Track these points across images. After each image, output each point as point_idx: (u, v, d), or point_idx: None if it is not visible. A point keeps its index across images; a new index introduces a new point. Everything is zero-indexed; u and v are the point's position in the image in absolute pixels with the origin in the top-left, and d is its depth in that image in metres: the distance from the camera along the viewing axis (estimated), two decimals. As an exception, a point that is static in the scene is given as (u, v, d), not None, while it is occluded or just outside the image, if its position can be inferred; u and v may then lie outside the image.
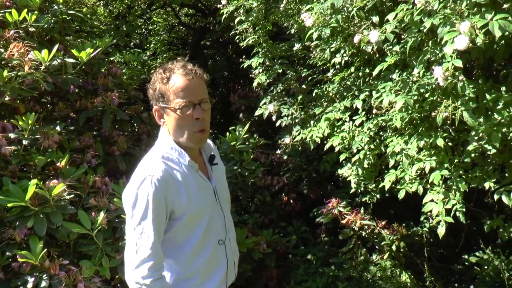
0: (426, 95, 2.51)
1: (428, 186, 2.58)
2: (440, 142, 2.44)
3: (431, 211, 2.58)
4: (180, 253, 1.75)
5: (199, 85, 1.70)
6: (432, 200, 2.57)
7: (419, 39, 2.37)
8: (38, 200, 2.43)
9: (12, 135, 2.69)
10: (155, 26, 7.36)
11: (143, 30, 7.34)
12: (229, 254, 1.87)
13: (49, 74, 2.91)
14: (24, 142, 2.71)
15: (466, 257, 4.04)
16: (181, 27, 7.44)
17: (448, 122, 2.40)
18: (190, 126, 1.69)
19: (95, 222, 2.50)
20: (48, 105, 3.37)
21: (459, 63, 2.07)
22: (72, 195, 2.54)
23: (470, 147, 2.39)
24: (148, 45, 6.76)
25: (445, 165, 2.52)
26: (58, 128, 2.96)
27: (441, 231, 2.53)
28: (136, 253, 1.62)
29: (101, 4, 6.53)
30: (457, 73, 2.16)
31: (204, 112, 1.69)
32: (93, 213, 2.58)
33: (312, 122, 3.49)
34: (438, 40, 2.25)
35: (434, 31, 2.35)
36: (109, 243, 2.58)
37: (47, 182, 2.52)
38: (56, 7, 3.46)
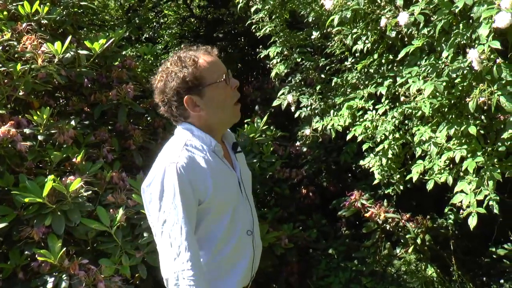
0: (456, 81, 2.39)
1: (461, 174, 2.45)
2: (472, 130, 2.31)
3: (460, 202, 2.46)
4: (205, 245, 1.65)
5: None
6: (461, 191, 2.44)
7: (450, 21, 2.24)
8: (56, 197, 2.35)
9: (27, 131, 2.62)
10: (166, 19, 7.25)
11: (155, 23, 7.23)
12: (255, 246, 1.79)
13: (63, 67, 2.83)
14: (39, 137, 2.63)
15: (494, 249, 3.90)
16: (193, 20, 7.32)
17: (481, 108, 2.27)
18: (232, 98, 1.67)
19: (114, 220, 2.42)
20: (62, 100, 3.29)
21: (496, 45, 1.94)
22: (90, 192, 2.46)
23: (505, 135, 2.26)
24: (160, 39, 6.65)
25: (478, 154, 2.39)
26: (73, 122, 2.89)
27: (472, 222, 2.37)
28: (171, 246, 1.51)
29: (112, -2, 6.46)
30: (492, 56, 2.03)
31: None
32: (111, 210, 2.50)
33: (332, 111, 3.37)
34: (471, 22, 2.13)
35: (465, 12, 2.22)
36: (128, 240, 2.49)
37: (63, 179, 2.44)
38: (67, -1, 3.38)
